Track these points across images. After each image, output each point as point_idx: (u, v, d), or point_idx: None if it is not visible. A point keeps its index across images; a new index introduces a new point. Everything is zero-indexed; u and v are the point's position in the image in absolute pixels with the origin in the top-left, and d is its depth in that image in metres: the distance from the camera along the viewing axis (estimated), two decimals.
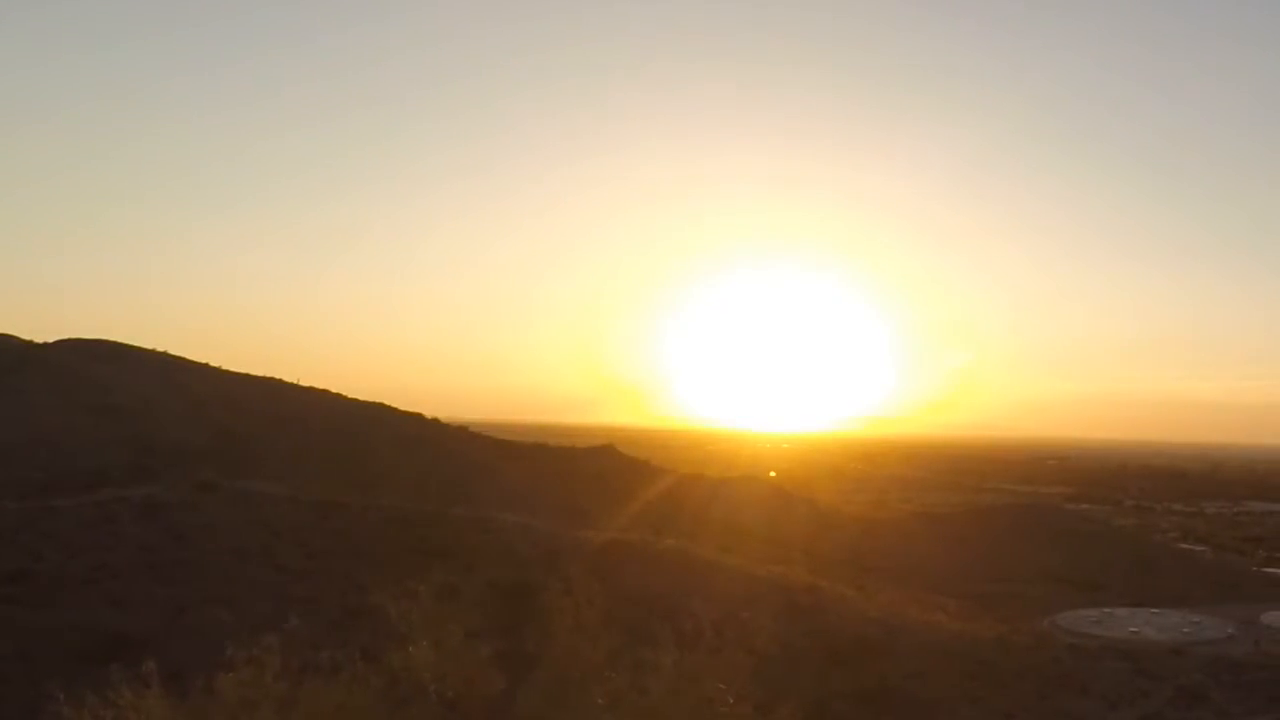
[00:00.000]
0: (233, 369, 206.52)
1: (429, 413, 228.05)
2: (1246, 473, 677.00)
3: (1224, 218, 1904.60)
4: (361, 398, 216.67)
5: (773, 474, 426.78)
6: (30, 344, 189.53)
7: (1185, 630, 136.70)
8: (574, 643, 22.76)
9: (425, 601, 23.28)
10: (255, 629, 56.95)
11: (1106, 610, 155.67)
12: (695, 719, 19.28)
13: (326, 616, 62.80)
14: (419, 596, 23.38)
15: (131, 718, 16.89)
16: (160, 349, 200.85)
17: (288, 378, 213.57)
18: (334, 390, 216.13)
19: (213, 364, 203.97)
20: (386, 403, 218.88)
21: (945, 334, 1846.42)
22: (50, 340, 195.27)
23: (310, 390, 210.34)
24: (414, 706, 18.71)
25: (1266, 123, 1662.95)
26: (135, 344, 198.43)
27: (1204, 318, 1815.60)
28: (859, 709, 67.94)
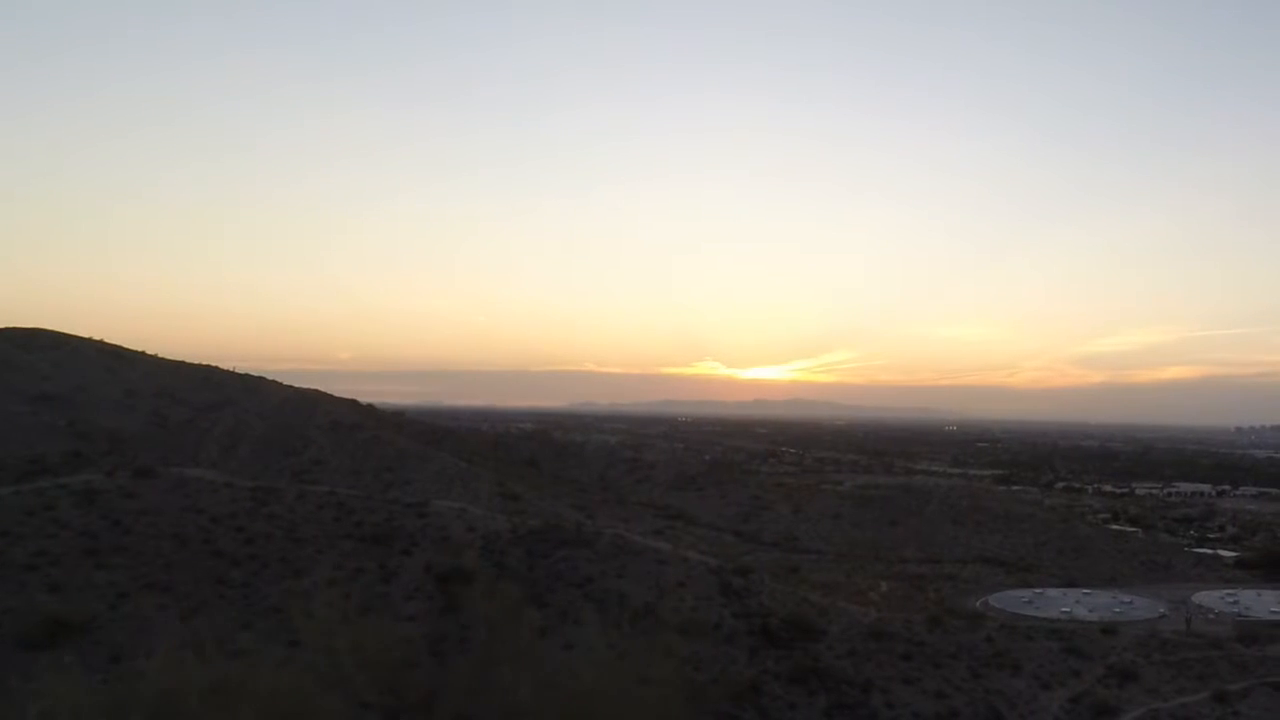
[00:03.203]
0: (168, 357, 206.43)
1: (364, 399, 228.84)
2: (1176, 454, 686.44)
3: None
4: (297, 385, 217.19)
5: (706, 457, 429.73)
6: None
7: (1116, 610, 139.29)
8: (507, 625, 23.50)
9: (362, 585, 23.91)
10: (194, 613, 57.93)
11: (1038, 590, 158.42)
12: (627, 700, 20.13)
13: (264, 601, 63.88)
14: (356, 580, 23.92)
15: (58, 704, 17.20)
16: (96, 338, 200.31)
17: (223, 365, 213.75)
18: (269, 377, 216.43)
19: (148, 352, 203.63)
20: (321, 389, 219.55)
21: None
22: None
23: (245, 377, 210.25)
24: (347, 690, 19.42)
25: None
26: (71, 333, 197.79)
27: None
28: (792, 689, 69.32)
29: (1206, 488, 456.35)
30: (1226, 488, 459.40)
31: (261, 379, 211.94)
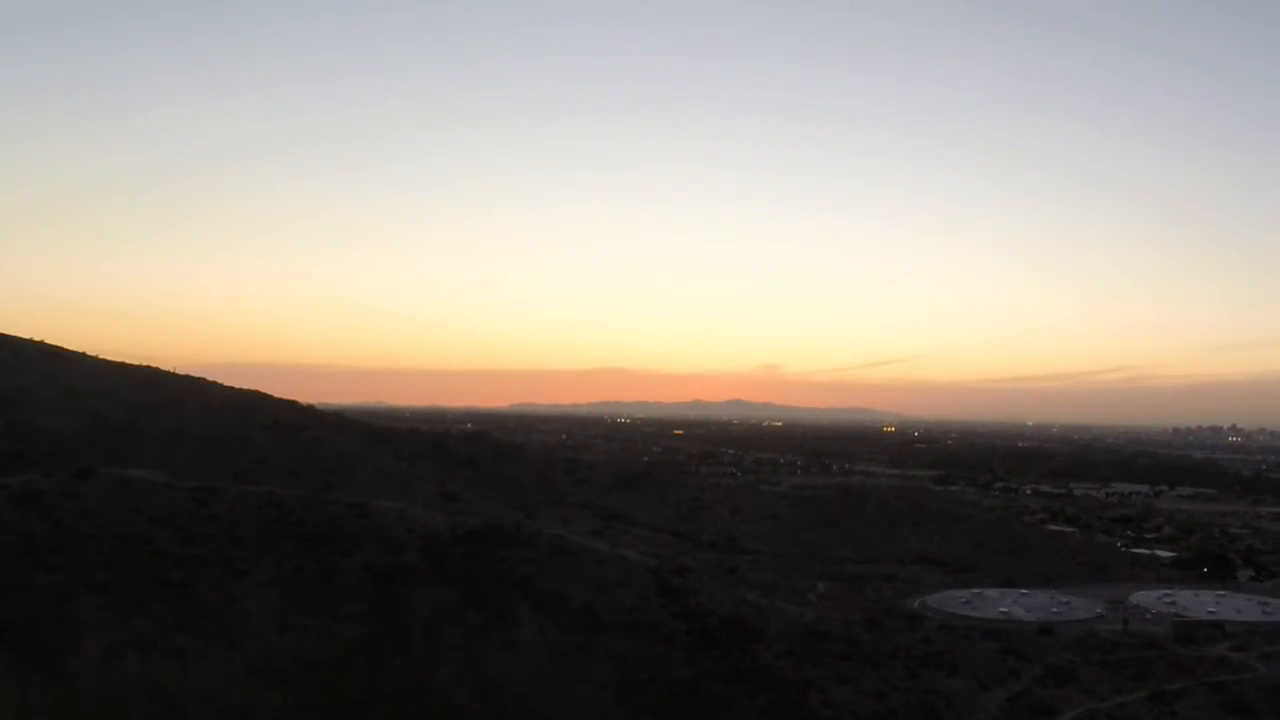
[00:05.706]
0: (108, 358, 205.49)
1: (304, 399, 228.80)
2: (1113, 454, 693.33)
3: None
4: (239, 385, 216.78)
5: (645, 459, 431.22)
6: None
7: (1054, 610, 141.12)
8: (446, 624, 23.82)
9: (301, 586, 24.17)
10: (134, 614, 58.15)
11: (976, 591, 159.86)
12: (564, 699, 20.49)
13: (205, 601, 64.31)
14: (295, 581, 24.12)
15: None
16: (36, 338, 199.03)
17: (163, 366, 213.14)
18: (209, 378, 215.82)
19: (89, 353, 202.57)
20: (261, 390, 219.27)
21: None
22: None
23: (185, 378, 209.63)
24: (286, 690, 19.53)
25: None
26: (10, 333, 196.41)
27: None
28: (730, 689, 70.12)
29: (1144, 488, 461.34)
30: (1163, 488, 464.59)
31: (201, 380, 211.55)
